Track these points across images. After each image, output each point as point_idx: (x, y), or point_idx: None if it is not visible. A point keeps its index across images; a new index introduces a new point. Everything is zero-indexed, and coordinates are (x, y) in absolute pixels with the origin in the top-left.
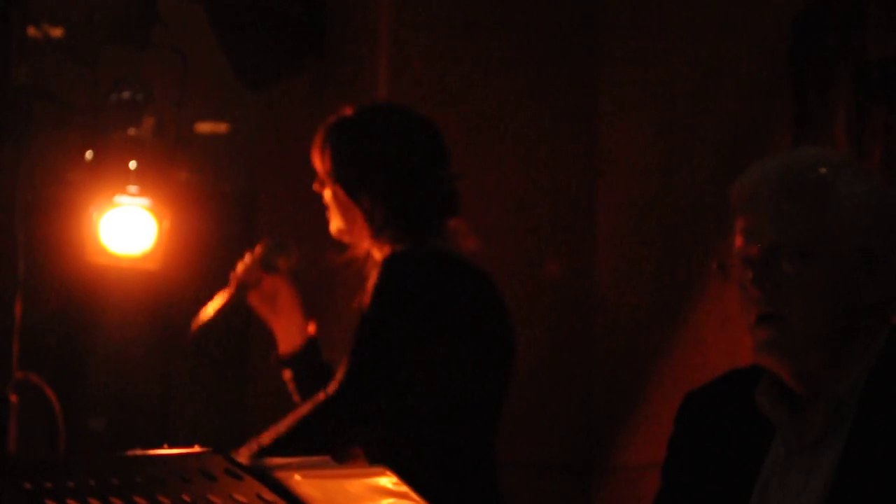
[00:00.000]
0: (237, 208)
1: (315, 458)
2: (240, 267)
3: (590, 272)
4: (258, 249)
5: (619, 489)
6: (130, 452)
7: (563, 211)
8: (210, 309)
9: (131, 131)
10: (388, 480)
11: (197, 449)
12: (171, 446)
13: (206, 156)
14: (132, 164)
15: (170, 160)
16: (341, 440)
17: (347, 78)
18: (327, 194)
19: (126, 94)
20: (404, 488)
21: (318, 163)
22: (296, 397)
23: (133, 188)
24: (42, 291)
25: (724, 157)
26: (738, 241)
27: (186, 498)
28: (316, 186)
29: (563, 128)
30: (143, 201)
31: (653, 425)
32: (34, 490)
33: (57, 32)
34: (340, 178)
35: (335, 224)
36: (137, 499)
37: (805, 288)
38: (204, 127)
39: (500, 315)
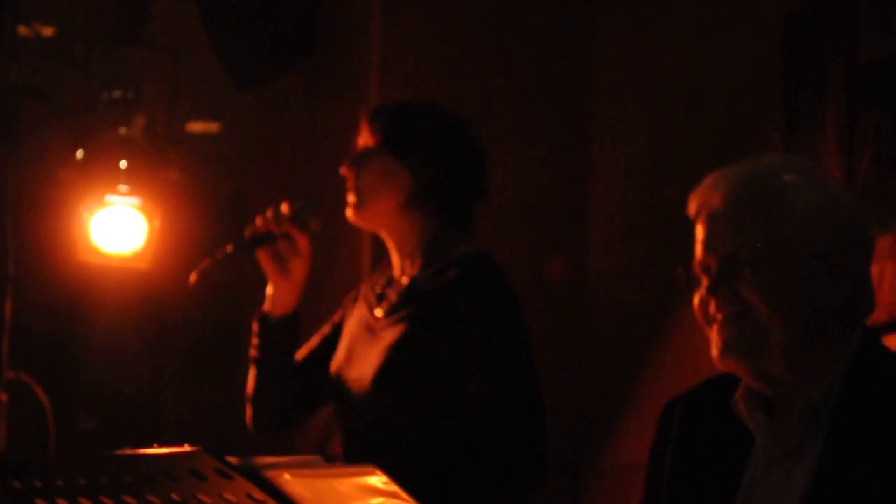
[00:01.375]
0: (228, 208)
1: (305, 458)
2: (261, 220)
3: (581, 272)
4: (287, 206)
5: (609, 488)
6: (120, 451)
7: (555, 211)
8: (218, 254)
9: (122, 131)
10: (377, 480)
11: (187, 448)
12: (160, 445)
13: (197, 155)
14: (123, 164)
15: (160, 160)
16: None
17: (338, 78)
18: (369, 169)
19: (117, 94)
20: (394, 487)
21: (373, 127)
22: (255, 366)
23: (124, 187)
24: (32, 290)
25: (717, 158)
26: (698, 250)
27: (176, 497)
28: (345, 165)
29: (555, 128)
30: (134, 200)
31: (643, 425)
32: (24, 489)
33: (48, 32)
34: (401, 146)
35: (362, 201)
36: (127, 498)
37: (760, 292)
38: (195, 126)
39: None
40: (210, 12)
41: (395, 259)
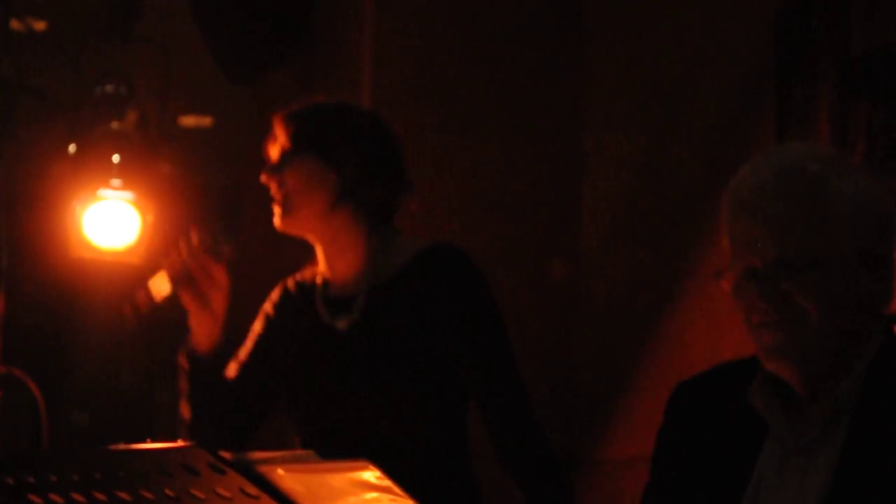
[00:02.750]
0: (221, 202)
1: (298, 453)
2: (174, 253)
3: (574, 270)
4: (197, 235)
5: (603, 483)
6: (113, 447)
7: (547, 206)
8: (155, 291)
9: (115, 125)
10: (371, 474)
11: (180, 443)
12: (154, 440)
13: (190, 149)
14: (115, 158)
15: (153, 154)
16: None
17: (331, 71)
18: (292, 171)
19: (109, 88)
20: (387, 482)
21: (289, 131)
22: (187, 400)
23: (116, 182)
24: (25, 285)
25: (709, 152)
26: (736, 249)
27: (169, 492)
28: (266, 173)
29: (547, 125)
30: (127, 195)
31: (636, 420)
32: (17, 484)
33: (40, 26)
34: (321, 144)
35: (290, 206)
36: (120, 493)
37: (814, 297)
38: (188, 120)
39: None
40: (202, 6)
41: (327, 264)
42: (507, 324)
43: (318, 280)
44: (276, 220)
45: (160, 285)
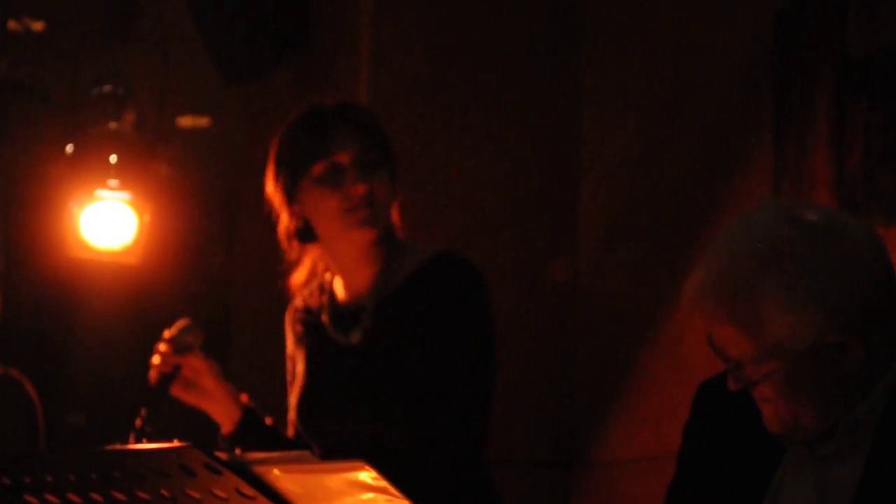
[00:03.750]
0: (218, 203)
1: (294, 453)
2: (156, 359)
3: (571, 270)
4: (164, 343)
5: (600, 484)
6: (110, 447)
7: (544, 208)
8: (138, 421)
9: (112, 125)
10: (367, 475)
11: (176, 444)
12: (150, 441)
13: (188, 150)
14: (113, 158)
15: (151, 154)
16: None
17: (329, 72)
18: (381, 179)
19: (107, 88)
20: (383, 483)
21: (369, 135)
22: None
23: (114, 182)
24: (22, 285)
25: (707, 153)
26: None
27: (165, 493)
28: (358, 174)
29: (545, 123)
30: (124, 195)
31: (633, 421)
32: (13, 485)
33: (38, 26)
34: (390, 157)
35: (378, 217)
36: (116, 494)
37: (776, 393)
38: (185, 121)
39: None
40: (200, 7)
41: (341, 276)
42: (492, 343)
43: (325, 295)
44: (368, 229)
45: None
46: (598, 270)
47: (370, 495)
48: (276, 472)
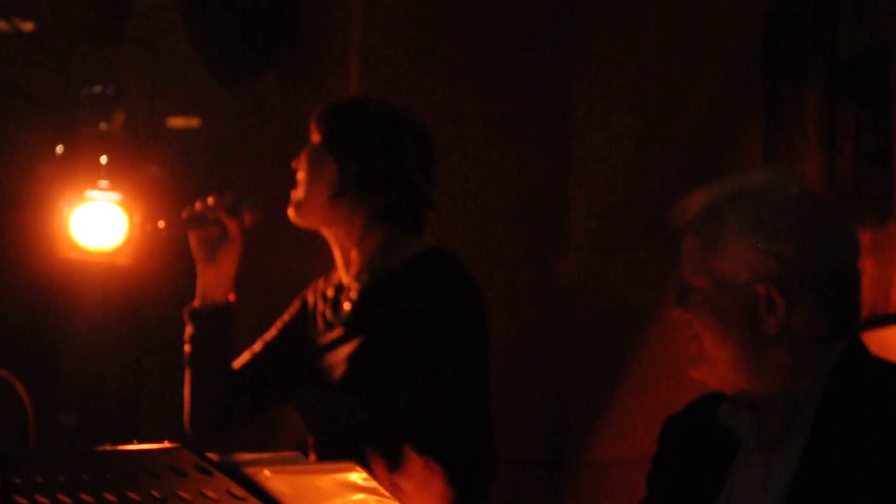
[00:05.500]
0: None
1: (285, 454)
2: (199, 204)
3: (562, 271)
4: (228, 195)
5: (588, 484)
6: (100, 448)
7: (535, 209)
8: (150, 228)
9: (102, 126)
10: (358, 476)
11: (167, 445)
12: (140, 442)
13: (178, 151)
14: (103, 159)
15: (141, 155)
16: None
17: (319, 74)
18: (308, 158)
19: (97, 89)
20: (374, 484)
21: (317, 125)
22: (188, 365)
23: (104, 183)
24: (12, 286)
25: (697, 153)
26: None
27: (156, 493)
28: (303, 157)
29: (536, 123)
30: (114, 196)
31: (622, 422)
32: (3, 485)
33: (27, 27)
34: (329, 135)
35: (297, 195)
36: (107, 494)
37: (702, 323)
38: (175, 122)
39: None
40: (191, 8)
41: (338, 259)
42: (482, 338)
43: (333, 281)
44: (290, 210)
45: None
46: (589, 271)
47: (361, 496)
48: (266, 472)
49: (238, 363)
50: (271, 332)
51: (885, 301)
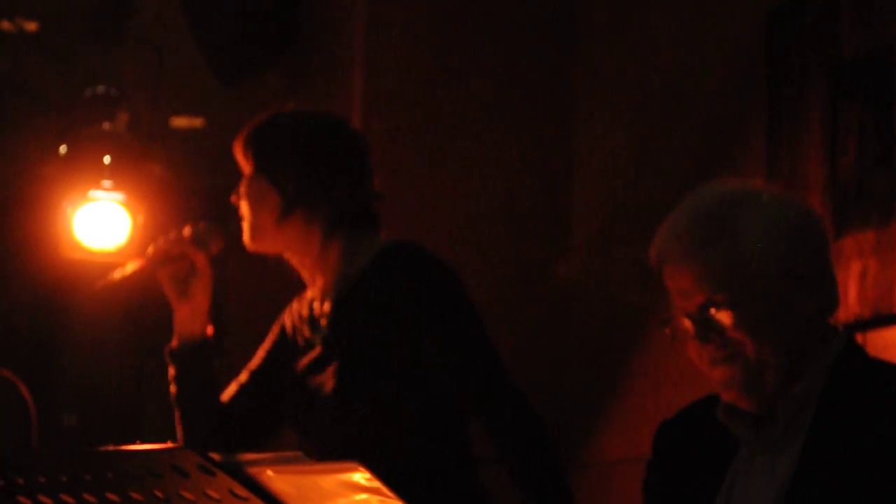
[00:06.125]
0: (212, 203)
1: (287, 454)
2: (162, 240)
3: (563, 271)
4: (189, 228)
5: (591, 485)
6: (103, 448)
7: (537, 209)
8: (118, 274)
9: (106, 126)
10: (360, 476)
11: (169, 445)
12: (143, 442)
13: (181, 150)
14: (106, 159)
15: (144, 155)
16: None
17: (322, 72)
18: (243, 195)
19: (100, 89)
20: (377, 483)
21: (244, 154)
22: (176, 405)
23: (107, 183)
24: (15, 286)
25: (700, 153)
26: (674, 298)
27: (159, 494)
28: (242, 189)
29: (539, 123)
30: (118, 196)
31: (625, 422)
32: (6, 486)
33: (31, 27)
34: (260, 161)
35: (246, 229)
36: (109, 495)
37: (744, 331)
38: (179, 122)
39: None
40: (194, 8)
41: (305, 277)
42: (475, 312)
43: (306, 299)
44: (245, 242)
45: (118, 273)
46: (590, 272)
47: (364, 496)
48: (269, 472)
49: (226, 395)
50: (255, 361)
51: (888, 301)
